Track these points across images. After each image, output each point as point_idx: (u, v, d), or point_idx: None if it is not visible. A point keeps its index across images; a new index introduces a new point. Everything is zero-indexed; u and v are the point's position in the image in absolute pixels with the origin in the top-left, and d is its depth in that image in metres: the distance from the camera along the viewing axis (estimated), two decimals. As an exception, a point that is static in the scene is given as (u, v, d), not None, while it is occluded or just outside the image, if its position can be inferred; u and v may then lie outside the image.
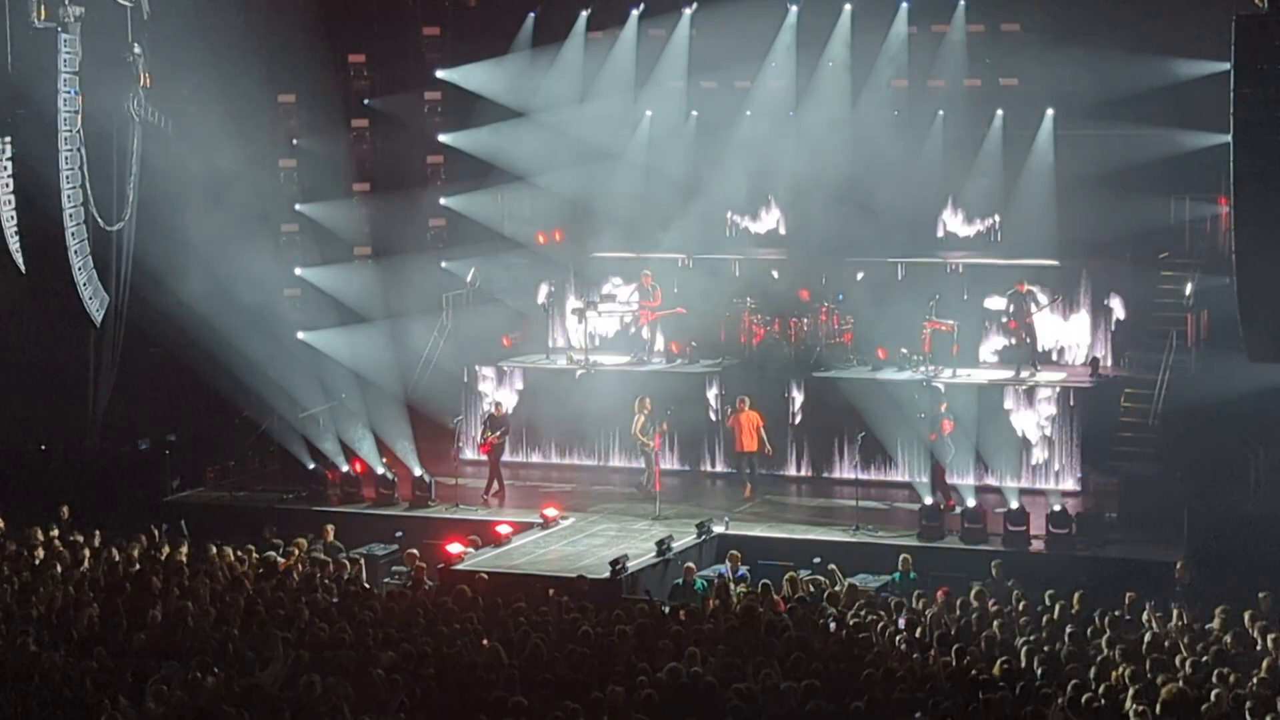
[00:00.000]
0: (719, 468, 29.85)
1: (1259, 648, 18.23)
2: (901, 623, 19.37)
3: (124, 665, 17.25)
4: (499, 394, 30.61)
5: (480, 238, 33.14)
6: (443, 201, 33.62)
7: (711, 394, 29.93)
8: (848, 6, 31.47)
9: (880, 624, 19.30)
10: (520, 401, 30.72)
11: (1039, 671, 16.99)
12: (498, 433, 28.56)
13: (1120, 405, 28.26)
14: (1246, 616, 19.39)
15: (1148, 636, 18.74)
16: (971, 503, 25.89)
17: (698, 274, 31.72)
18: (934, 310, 29.41)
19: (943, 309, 29.45)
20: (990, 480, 27.87)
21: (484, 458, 28.88)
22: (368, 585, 22.48)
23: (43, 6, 27.35)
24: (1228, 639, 18.59)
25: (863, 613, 19.98)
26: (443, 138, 33.52)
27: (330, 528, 25.76)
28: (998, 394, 28.55)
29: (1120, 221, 29.19)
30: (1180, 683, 16.29)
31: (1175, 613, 20.01)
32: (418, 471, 28.34)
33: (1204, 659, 17.44)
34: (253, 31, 32.20)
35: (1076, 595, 20.52)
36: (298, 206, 32.89)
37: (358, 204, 33.31)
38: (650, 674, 16.47)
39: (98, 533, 24.52)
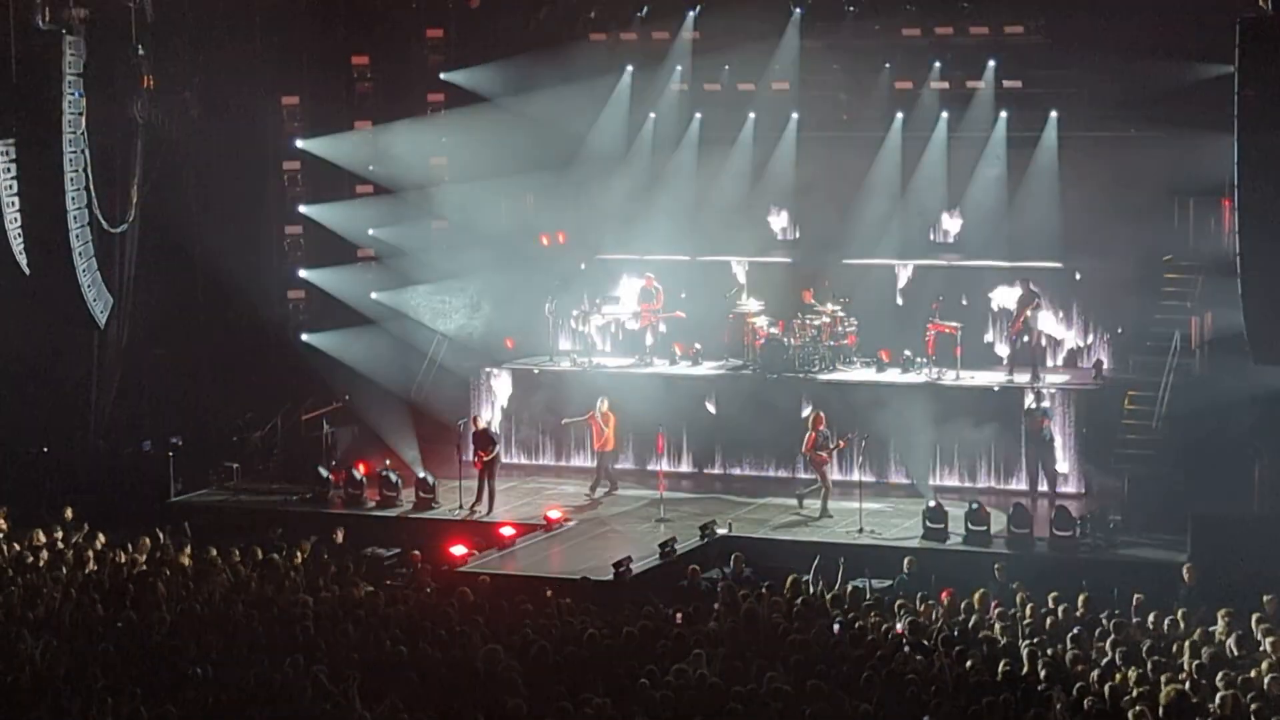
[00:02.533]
0: (718, 469, 29.93)
1: (1261, 650, 18.21)
2: (904, 625, 19.36)
3: (126, 667, 17.26)
4: (495, 401, 30.69)
5: (483, 240, 33.11)
6: (445, 204, 33.59)
7: (710, 401, 29.98)
8: (850, 9, 31.45)
9: (884, 626, 19.31)
10: (521, 403, 30.73)
11: (1042, 674, 16.99)
12: (489, 449, 27.82)
13: (1124, 408, 28.23)
14: (1253, 619, 19.39)
15: (1151, 639, 18.73)
16: (975, 504, 25.92)
17: (701, 276, 31.71)
18: (938, 313, 29.40)
19: (946, 311, 29.43)
20: (993, 483, 27.92)
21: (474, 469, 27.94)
22: (371, 588, 22.46)
23: (47, 9, 27.40)
24: (1231, 642, 18.57)
25: (867, 615, 19.97)
26: (446, 139, 33.49)
27: (340, 530, 25.80)
28: (999, 396, 28.54)
29: (1124, 224, 29.16)
30: (1183, 685, 16.29)
31: (1179, 615, 19.98)
32: (421, 474, 28.33)
33: (1207, 662, 17.43)
34: (256, 34, 32.20)
35: (1081, 598, 20.53)
36: (301, 208, 32.89)
37: (361, 206, 33.29)
38: (654, 676, 16.47)
39: (101, 535, 24.52)
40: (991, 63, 30.59)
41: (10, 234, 28.32)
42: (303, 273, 32.79)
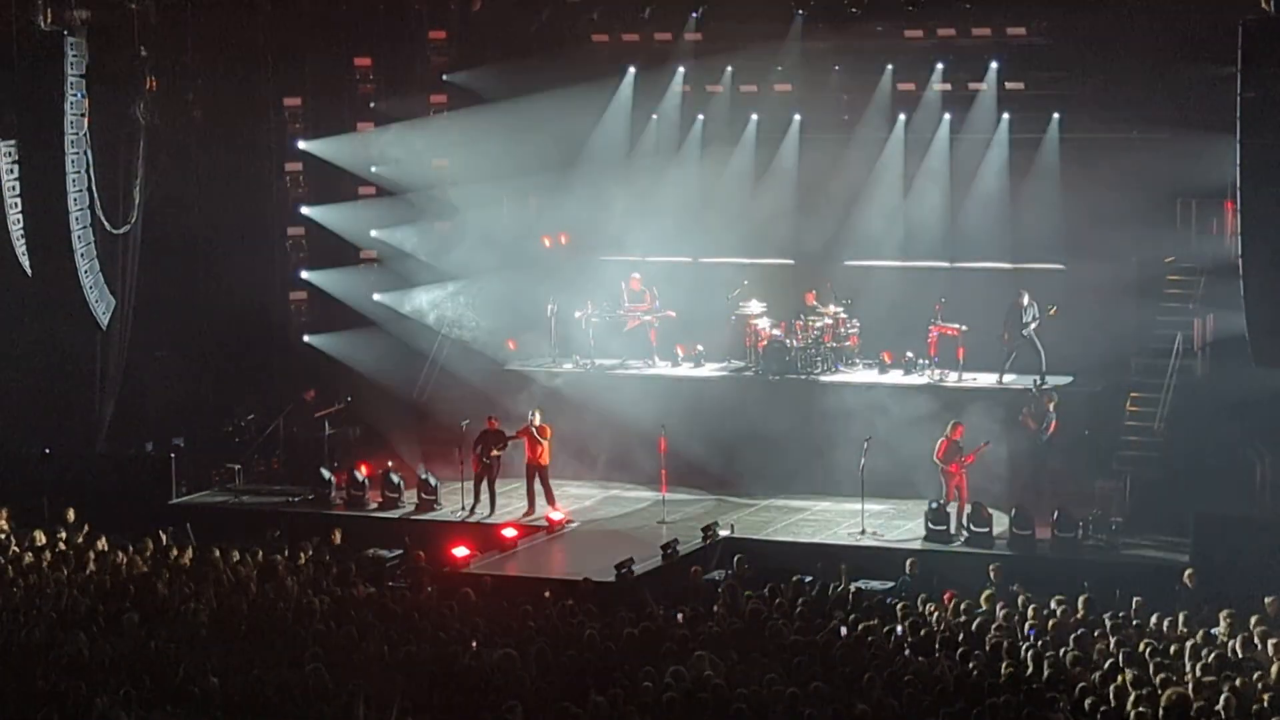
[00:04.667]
0: (720, 471, 29.89)
1: (1260, 651, 18.21)
2: (906, 627, 19.35)
3: (127, 669, 17.27)
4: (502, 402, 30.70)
5: (485, 241, 33.11)
6: (448, 205, 33.58)
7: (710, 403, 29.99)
8: (853, 11, 31.42)
9: (886, 628, 19.30)
10: (521, 405, 30.72)
11: (1044, 676, 16.98)
12: (497, 448, 27.87)
13: (1126, 410, 28.22)
14: (1252, 621, 19.39)
15: (1153, 641, 18.72)
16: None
17: (703, 277, 31.71)
18: (940, 314, 29.39)
19: (949, 313, 29.43)
20: (994, 484, 27.93)
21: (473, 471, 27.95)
22: (372, 589, 22.46)
23: (49, 10, 27.44)
24: (1233, 644, 18.57)
25: (869, 616, 19.96)
26: (448, 140, 33.48)
27: (338, 531, 25.82)
28: (1001, 397, 28.53)
29: (1126, 226, 29.14)
30: (1184, 687, 16.29)
31: (1181, 617, 19.98)
32: (423, 475, 28.32)
33: (1209, 664, 17.43)
34: (258, 35, 32.20)
35: (1082, 599, 20.52)
36: (303, 209, 32.90)
37: (363, 207, 33.29)
38: (655, 678, 16.47)
39: (103, 536, 24.53)
40: (994, 64, 30.59)
41: (13, 235, 28.35)
42: (305, 274, 32.80)
